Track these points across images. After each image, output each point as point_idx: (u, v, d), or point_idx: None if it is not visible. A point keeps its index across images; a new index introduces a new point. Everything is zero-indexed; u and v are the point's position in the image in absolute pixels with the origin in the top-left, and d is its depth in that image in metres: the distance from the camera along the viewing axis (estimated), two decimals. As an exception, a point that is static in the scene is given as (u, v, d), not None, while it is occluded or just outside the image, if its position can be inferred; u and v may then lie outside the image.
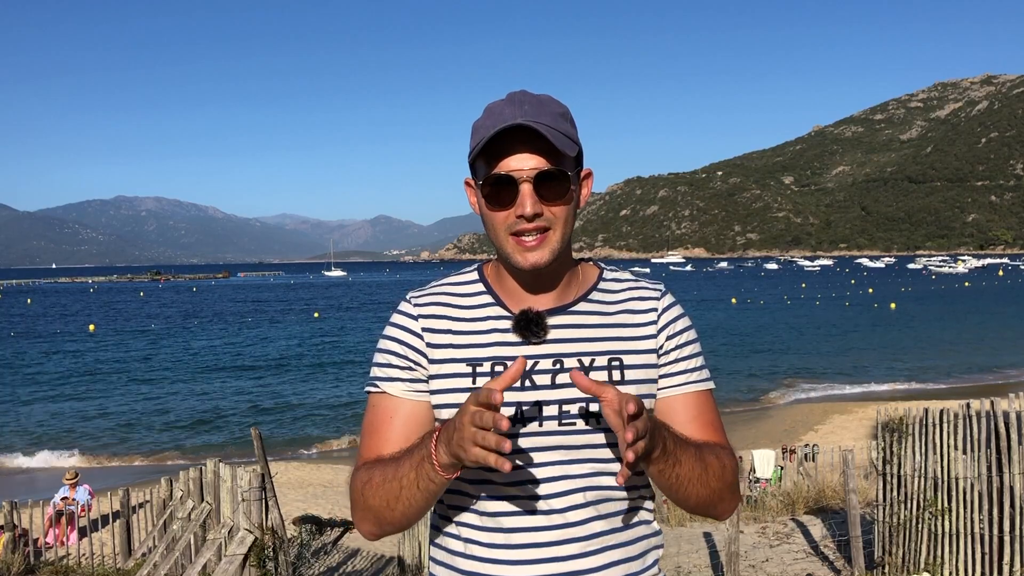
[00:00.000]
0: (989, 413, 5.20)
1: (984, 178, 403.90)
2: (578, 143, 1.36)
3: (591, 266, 1.49)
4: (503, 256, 1.36)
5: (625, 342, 1.40)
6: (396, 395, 1.40)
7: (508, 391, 1.33)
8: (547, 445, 1.32)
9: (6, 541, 9.64)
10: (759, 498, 11.46)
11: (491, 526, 1.33)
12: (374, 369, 1.43)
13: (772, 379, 31.23)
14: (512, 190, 1.30)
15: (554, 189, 1.31)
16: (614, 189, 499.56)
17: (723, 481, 1.34)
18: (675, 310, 1.45)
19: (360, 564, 8.99)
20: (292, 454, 21.30)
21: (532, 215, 1.29)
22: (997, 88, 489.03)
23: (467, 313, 1.41)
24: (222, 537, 5.68)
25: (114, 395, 30.27)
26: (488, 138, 1.28)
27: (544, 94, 1.36)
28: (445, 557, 1.39)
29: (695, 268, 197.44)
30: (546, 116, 1.30)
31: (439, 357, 1.38)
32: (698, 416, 1.41)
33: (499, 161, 1.30)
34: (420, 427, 1.39)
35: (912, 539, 5.70)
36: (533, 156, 1.29)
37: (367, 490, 1.33)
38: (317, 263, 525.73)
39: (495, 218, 1.33)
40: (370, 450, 1.39)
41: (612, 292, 1.45)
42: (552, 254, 1.32)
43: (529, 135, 1.29)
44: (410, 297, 1.45)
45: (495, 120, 1.30)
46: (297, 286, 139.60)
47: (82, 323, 61.93)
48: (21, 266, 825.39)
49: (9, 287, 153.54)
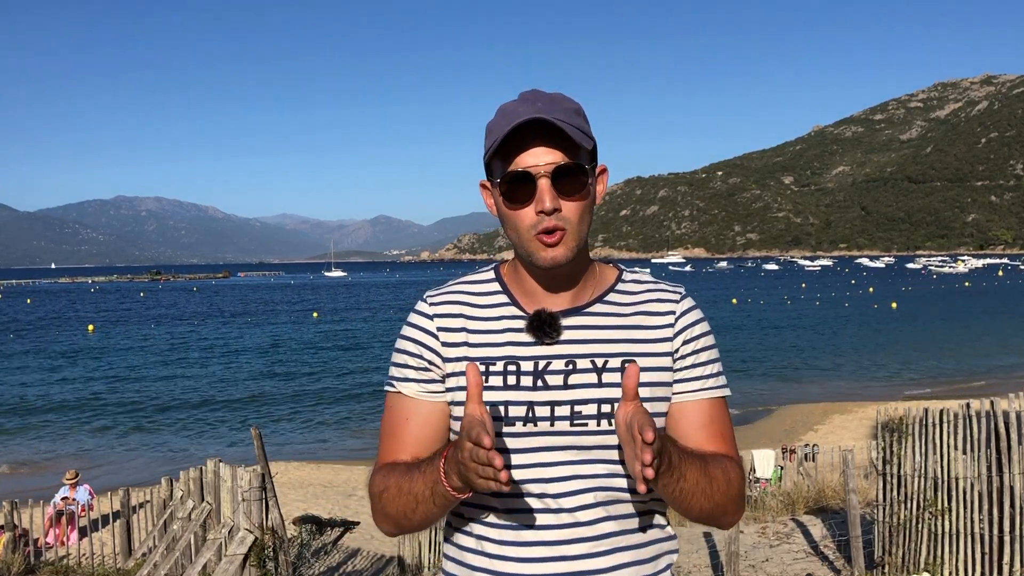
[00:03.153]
0: (989, 413, 5.20)
1: (984, 178, 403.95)
2: (593, 137, 1.36)
3: (610, 268, 1.48)
4: (523, 254, 1.35)
5: (640, 344, 1.39)
6: (411, 396, 1.40)
7: (520, 391, 1.34)
8: (559, 445, 1.33)
9: (6, 541, 9.64)
10: (759, 498, 11.45)
11: (503, 523, 1.34)
12: (391, 369, 1.44)
13: (772, 379, 31.24)
14: (530, 186, 1.30)
15: (572, 184, 1.31)
16: (614, 189, 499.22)
17: (728, 495, 1.33)
18: (694, 314, 1.43)
19: (360, 564, 9.00)
20: (292, 454, 21.30)
21: (551, 210, 1.29)
22: (997, 88, 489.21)
23: (482, 313, 1.41)
24: (222, 537, 5.68)
25: (112, 394, 30.28)
26: (504, 136, 1.28)
27: (556, 92, 1.36)
28: (457, 553, 1.41)
29: (695, 268, 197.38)
30: (560, 112, 1.30)
31: (454, 356, 1.39)
32: (709, 424, 1.39)
33: (515, 158, 1.30)
34: (436, 428, 1.40)
35: (912, 539, 5.70)
36: (550, 151, 1.29)
37: (384, 498, 1.36)
38: (317, 263, 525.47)
39: (515, 216, 1.33)
40: (387, 453, 1.41)
41: (630, 294, 1.44)
42: (571, 251, 1.32)
43: (544, 131, 1.29)
44: (427, 297, 1.45)
45: (509, 119, 1.30)
46: (297, 286, 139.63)
47: (84, 323, 61.96)
48: (21, 266, 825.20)
49: (9, 287, 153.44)
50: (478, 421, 1.17)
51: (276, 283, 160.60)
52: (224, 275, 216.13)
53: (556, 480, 1.32)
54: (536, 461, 1.32)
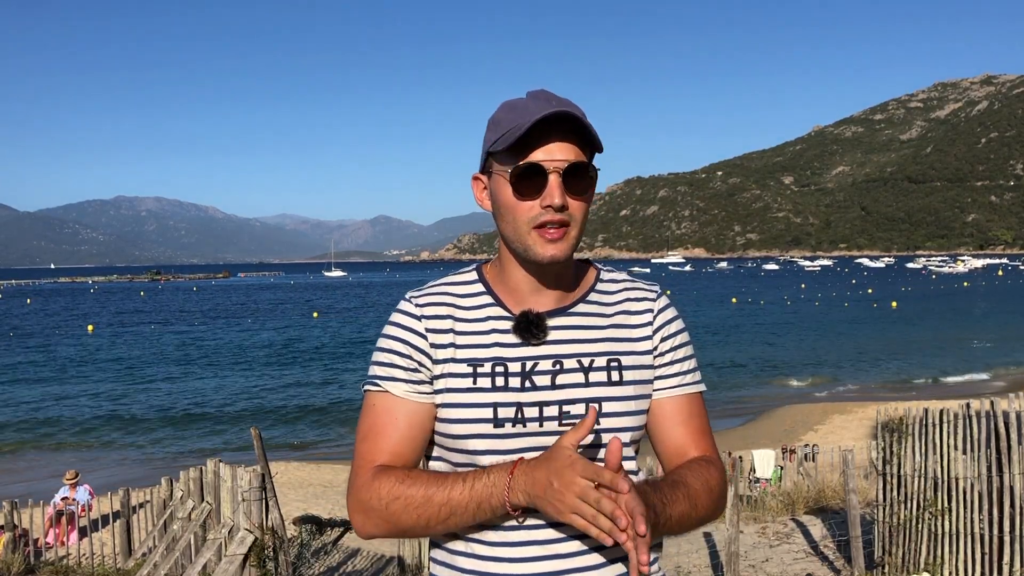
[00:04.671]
0: (989, 413, 5.19)
1: (984, 178, 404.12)
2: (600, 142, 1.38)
3: (589, 266, 1.50)
4: (519, 248, 1.35)
5: (623, 343, 1.40)
6: (398, 395, 1.38)
7: (508, 392, 1.34)
8: (547, 445, 1.32)
9: (6, 541, 9.64)
10: (759, 498, 11.45)
11: (493, 525, 1.33)
12: (374, 368, 1.41)
13: (772, 379, 31.25)
14: (540, 181, 1.30)
15: (580, 183, 1.32)
16: (614, 189, 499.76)
17: (709, 506, 1.34)
18: (670, 312, 1.46)
19: (360, 564, 8.99)
20: (292, 454, 21.30)
21: (560, 206, 1.29)
22: (997, 88, 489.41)
23: (468, 314, 1.40)
24: (222, 537, 5.68)
25: (112, 395, 30.28)
26: (528, 127, 1.27)
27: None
28: (446, 557, 1.39)
29: (695, 268, 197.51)
30: (577, 111, 1.31)
31: (442, 357, 1.38)
32: (689, 420, 1.42)
33: (528, 152, 1.30)
34: (422, 429, 1.38)
35: (912, 539, 5.70)
36: (565, 146, 1.30)
37: (396, 506, 1.30)
38: (317, 263, 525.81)
39: (519, 208, 1.32)
40: (374, 453, 1.37)
41: (609, 293, 1.45)
42: (571, 248, 1.33)
43: (563, 127, 1.30)
44: (411, 296, 1.44)
45: (521, 114, 1.30)
46: (297, 286, 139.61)
47: (86, 323, 61.94)
48: (21, 266, 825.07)
49: (9, 287, 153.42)
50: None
51: (276, 283, 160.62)
52: (224, 275, 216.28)
53: None
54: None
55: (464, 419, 1.34)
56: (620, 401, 1.36)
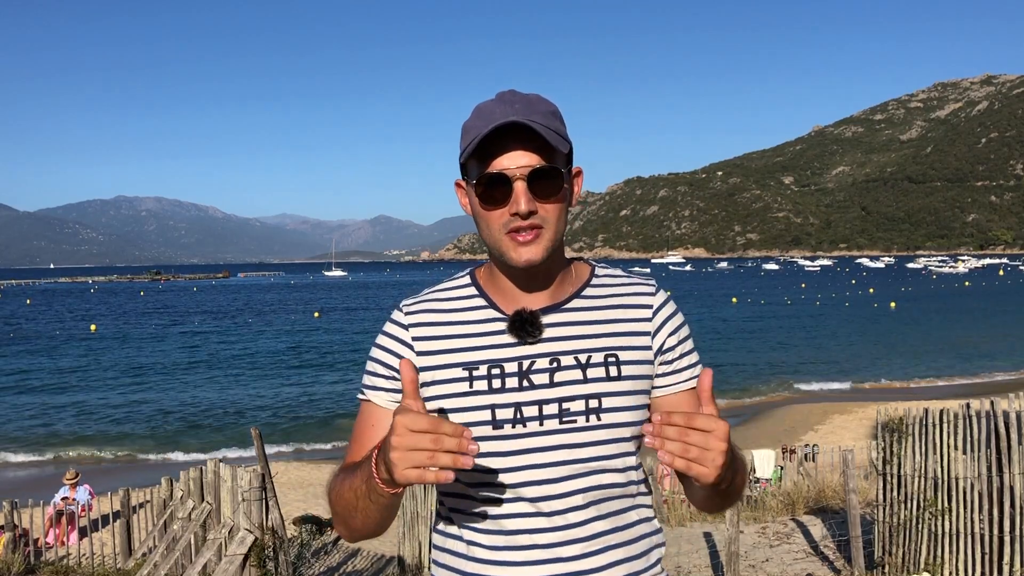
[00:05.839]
0: (989, 413, 5.20)
1: (984, 178, 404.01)
2: (569, 140, 1.36)
3: (583, 264, 1.49)
4: (497, 255, 1.35)
5: (621, 338, 1.40)
6: (380, 405, 1.40)
7: (506, 392, 1.34)
8: (549, 445, 1.32)
9: (6, 541, 9.64)
10: (759, 498, 11.44)
11: (493, 528, 1.33)
12: (364, 377, 1.44)
13: (772, 379, 31.23)
14: (506, 188, 1.30)
15: (547, 187, 1.31)
16: (614, 189, 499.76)
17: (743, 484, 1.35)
18: (670, 307, 1.46)
19: (360, 564, 8.99)
20: (292, 454, 21.31)
21: (527, 212, 1.29)
22: (997, 88, 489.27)
23: (460, 317, 1.41)
24: (222, 537, 5.68)
25: (112, 395, 30.28)
26: (481, 138, 1.28)
27: (533, 93, 1.36)
28: (447, 559, 1.40)
29: (695, 268, 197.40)
30: (537, 114, 1.30)
31: (432, 364, 1.38)
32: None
33: (492, 160, 1.30)
34: None
35: (912, 539, 5.70)
36: (526, 154, 1.29)
37: (333, 495, 1.35)
38: (317, 263, 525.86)
39: (489, 217, 1.33)
40: (350, 458, 1.40)
41: (605, 288, 1.45)
42: (546, 251, 1.32)
43: (521, 133, 1.29)
44: (402, 305, 1.45)
45: (486, 120, 1.30)
46: (297, 286, 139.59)
47: (93, 323, 61.95)
48: (21, 266, 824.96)
49: (9, 287, 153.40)
50: (414, 406, 1.13)
51: (276, 283, 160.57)
52: (224, 275, 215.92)
53: (548, 482, 1.32)
54: (527, 463, 1.32)
55: (461, 423, 1.34)
56: (619, 396, 1.35)
